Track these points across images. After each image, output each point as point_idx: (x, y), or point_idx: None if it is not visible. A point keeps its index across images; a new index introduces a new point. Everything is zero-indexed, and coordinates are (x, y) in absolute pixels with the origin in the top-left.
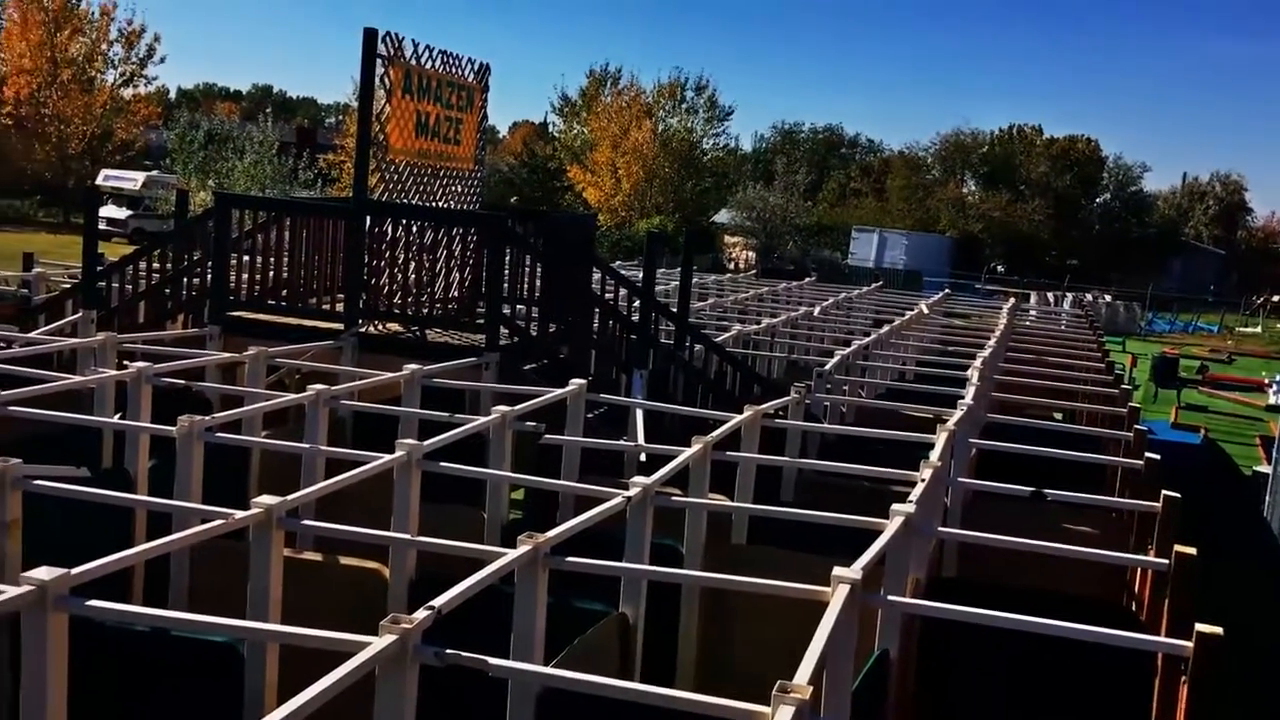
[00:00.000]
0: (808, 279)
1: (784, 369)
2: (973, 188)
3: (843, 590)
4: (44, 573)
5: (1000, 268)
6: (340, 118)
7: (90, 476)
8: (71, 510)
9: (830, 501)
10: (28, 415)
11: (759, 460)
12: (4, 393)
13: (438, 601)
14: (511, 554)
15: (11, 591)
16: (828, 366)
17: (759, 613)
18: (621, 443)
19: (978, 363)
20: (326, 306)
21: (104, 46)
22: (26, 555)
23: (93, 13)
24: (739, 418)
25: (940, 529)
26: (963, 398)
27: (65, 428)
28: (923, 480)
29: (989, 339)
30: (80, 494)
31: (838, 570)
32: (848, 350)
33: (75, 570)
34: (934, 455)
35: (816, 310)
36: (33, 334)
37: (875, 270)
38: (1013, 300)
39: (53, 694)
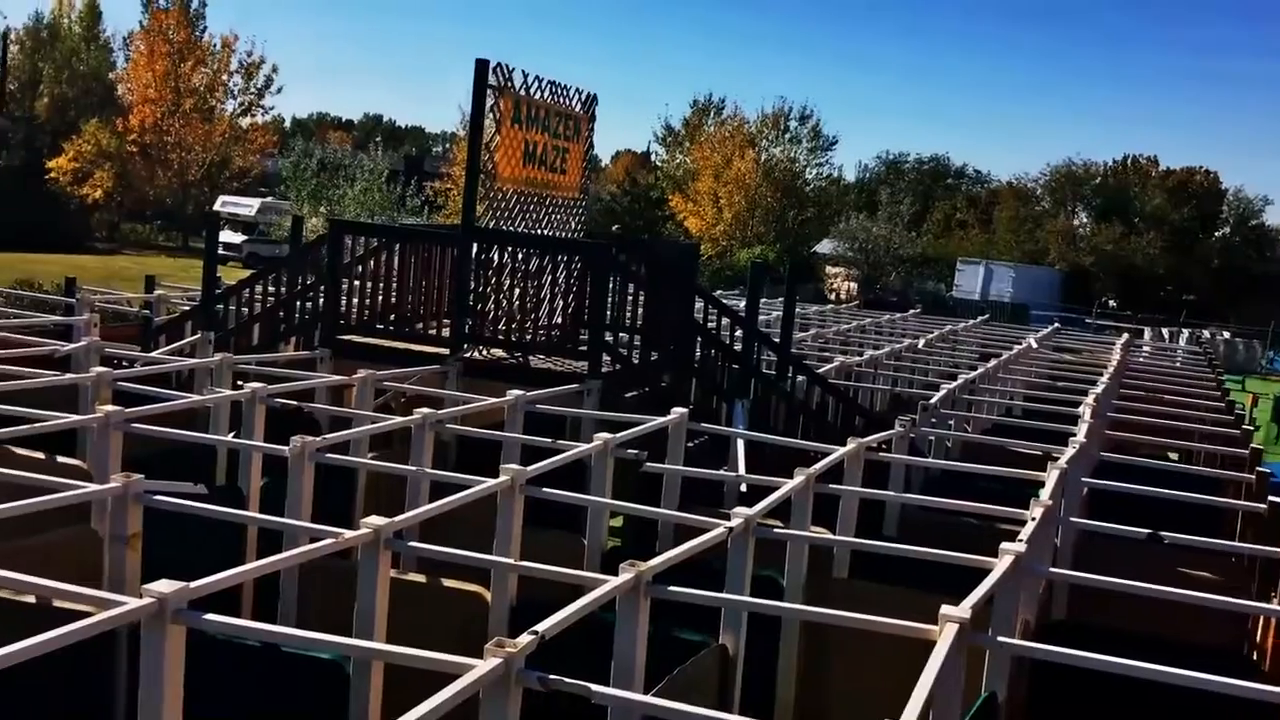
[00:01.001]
0: (912, 311)
1: (887, 402)
2: (1084, 220)
3: (951, 629)
4: (164, 586)
5: (1112, 302)
6: (447, 146)
7: (206, 493)
8: (187, 525)
9: (935, 538)
10: (148, 433)
11: (862, 494)
12: (127, 410)
13: (541, 626)
14: (613, 581)
15: (133, 603)
16: (933, 400)
17: (861, 649)
18: (722, 472)
19: (1090, 399)
20: (433, 331)
21: (224, 77)
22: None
23: (215, 45)
24: (842, 450)
25: (1051, 570)
26: (1074, 435)
27: (182, 445)
28: (1033, 519)
29: (1101, 375)
30: (197, 510)
31: (946, 609)
32: (953, 384)
33: (193, 584)
34: (1044, 493)
35: (921, 343)
36: (153, 354)
37: (981, 303)
38: (1126, 336)
39: (169, 705)
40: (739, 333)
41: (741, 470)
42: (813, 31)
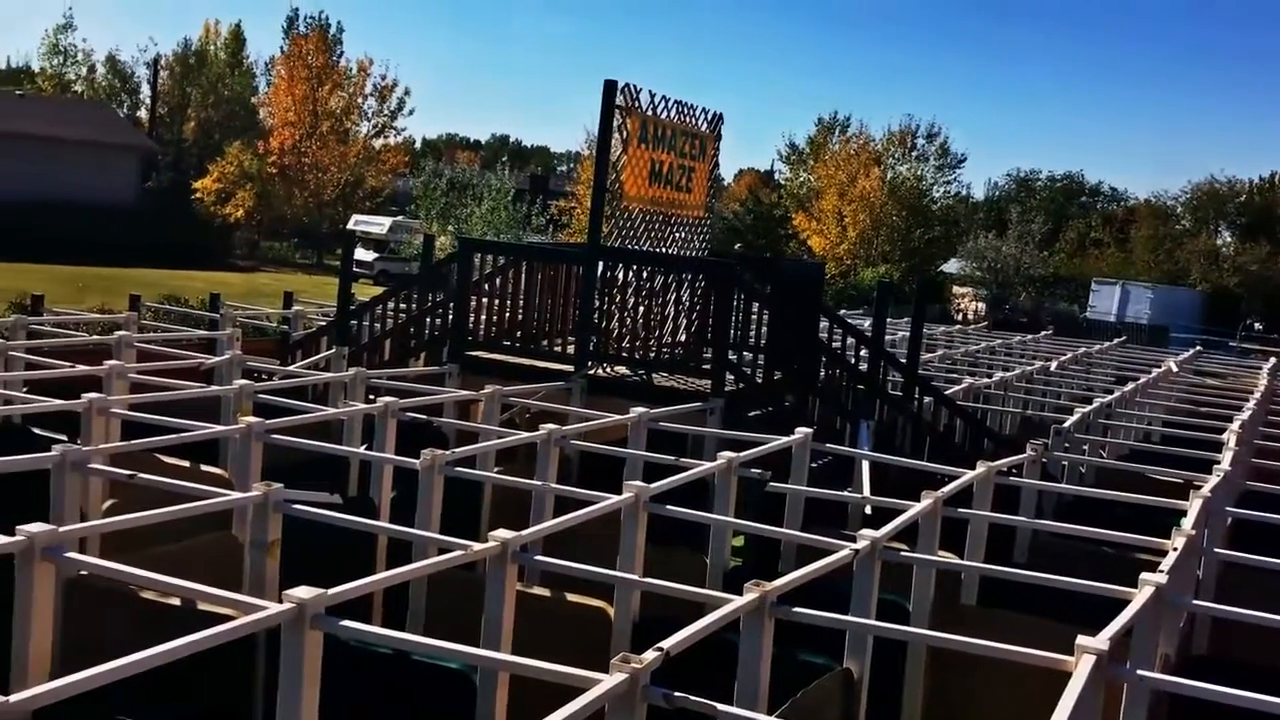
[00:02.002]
0: (1044, 332)
1: (1017, 425)
2: (1228, 239)
3: (1088, 661)
4: (303, 592)
5: (1258, 324)
6: (571, 165)
7: (341, 503)
8: (320, 533)
9: (1068, 566)
10: (287, 444)
11: (992, 519)
12: (267, 421)
13: (666, 643)
14: (737, 601)
15: (273, 608)
16: (1067, 424)
17: (990, 677)
18: (846, 494)
19: (1235, 425)
20: (558, 348)
21: (360, 100)
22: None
23: (351, 69)
24: (971, 474)
25: (1193, 602)
26: (1217, 462)
27: (317, 456)
28: (1175, 549)
29: (1247, 400)
30: (332, 519)
31: (1083, 640)
32: (1088, 408)
33: (331, 591)
34: (1187, 522)
35: (1053, 365)
36: (291, 368)
37: (1117, 324)
38: (1273, 360)
39: (306, 706)
40: (864, 353)
41: (866, 492)
42: (943, 50)
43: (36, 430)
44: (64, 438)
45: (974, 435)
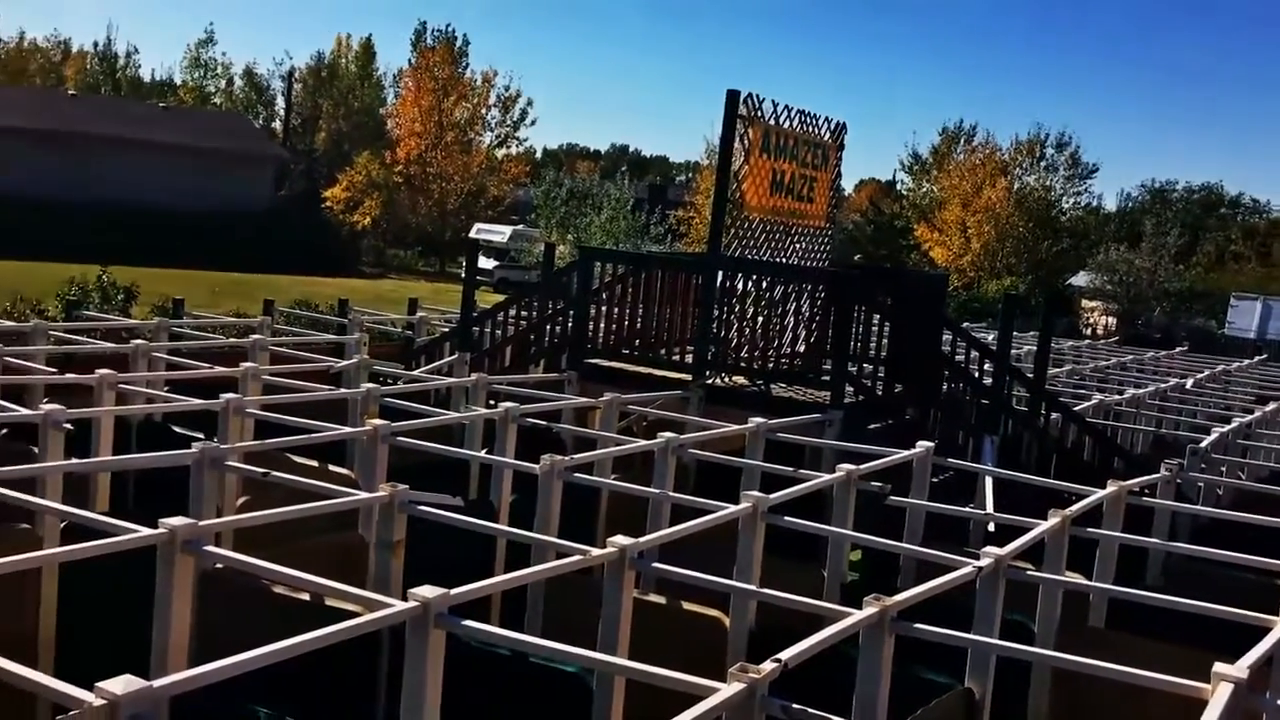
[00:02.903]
0: (1179, 349)
1: (1149, 444)
2: None
3: (1226, 689)
4: (427, 591)
5: None
6: (690, 175)
7: (462, 505)
8: (441, 533)
9: (1203, 590)
10: (411, 446)
11: (1122, 539)
12: (393, 424)
13: (785, 654)
14: (857, 615)
15: (399, 606)
16: (1204, 444)
17: (1117, 702)
18: (969, 510)
19: None
20: (676, 357)
21: (483, 111)
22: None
23: (475, 81)
24: (1101, 493)
25: None
26: None
27: (438, 458)
28: None
29: None
30: (454, 521)
31: (1220, 667)
32: (1227, 428)
33: (454, 591)
34: None
35: (1188, 383)
36: (415, 372)
37: (1258, 342)
38: None
39: (429, 703)
40: (988, 366)
41: (990, 509)
42: (1073, 59)
43: (176, 428)
44: (201, 436)
45: (1104, 453)
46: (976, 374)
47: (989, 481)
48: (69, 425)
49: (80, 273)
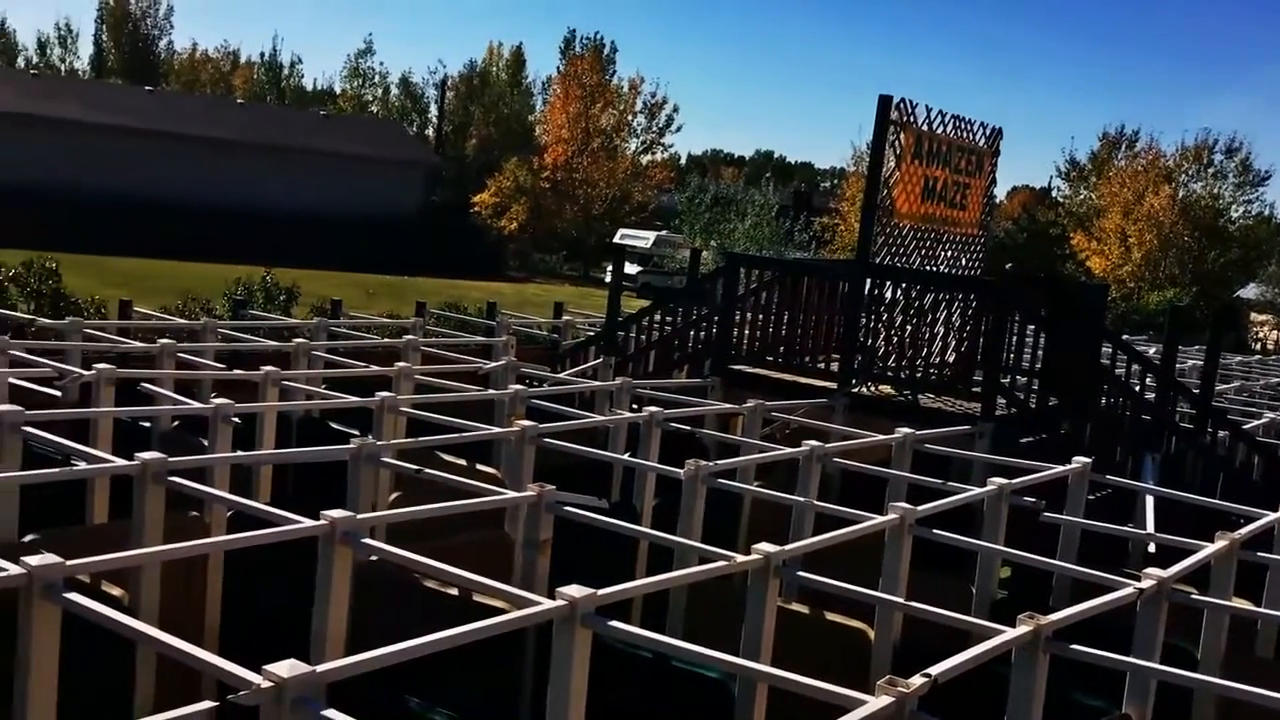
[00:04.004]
0: None
1: None
2: None
3: None
4: (575, 590)
5: None
6: (835, 181)
7: (607, 507)
8: (584, 535)
9: None
10: (557, 447)
11: None
12: (540, 425)
13: (935, 669)
14: (1010, 632)
15: (547, 604)
16: None
17: None
18: (1128, 529)
19: None
20: (821, 365)
21: (629, 118)
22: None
23: (622, 87)
24: (1272, 516)
25: None
26: None
27: (581, 460)
28: None
29: None
30: (600, 522)
31: None
32: None
33: (601, 591)
34: None
35: None
36: (561, 375)
37: None
38: None
39: (574, 701)
40: (1150, 381)
41: (1150, 528)
42: (1245, 58)
43: (333, 424)
44: (356, 432)
45: (1274, 474)
46: (1137, 389)
47: (1150, 500)
48: (237, 419)
49: (245, 274)
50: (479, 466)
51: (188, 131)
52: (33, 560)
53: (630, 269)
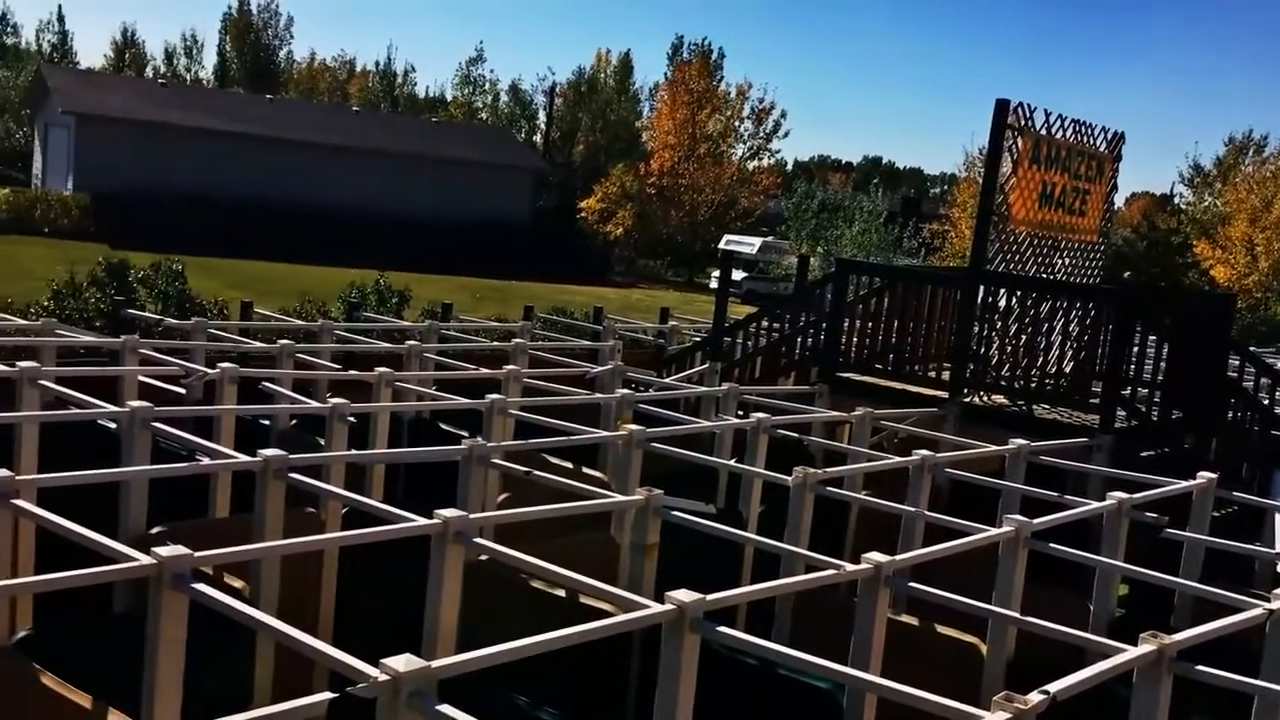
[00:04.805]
0: None
1: None
2: None
3: None
4: (683, 595)
5: None
6: (945, 187)
7: (715, 512)
8: (690, 540)
9: None
10: (664, 452)
11: None
12: (648, 430)
13: (1053, 687)
14: (1133, 651)
15: (655, 608)
16: None
17: None
18: (1256, 547)
19: None
20: (931, 374)
21: (736, 123)
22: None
23: (729, 93)
24: None
25: None
26: None
27: (687, 465)
28: None
29: None
30: (707, 528)
31: None
32: None
33: (710, 596)
34: None
35: None
36: (667, 380)
37: None
38: None
39: (682, 706)
40: (1279, 395)
41: None
42: None
43: (442, 425)
44: (465, 434)
45: None
46: (1266, 402)
47: (1279, 518)
48: (352, 418)
49: (359, 277)
50: (585, 469)
51: (305, 138)
52: (163, 551)
53: (736, 275)
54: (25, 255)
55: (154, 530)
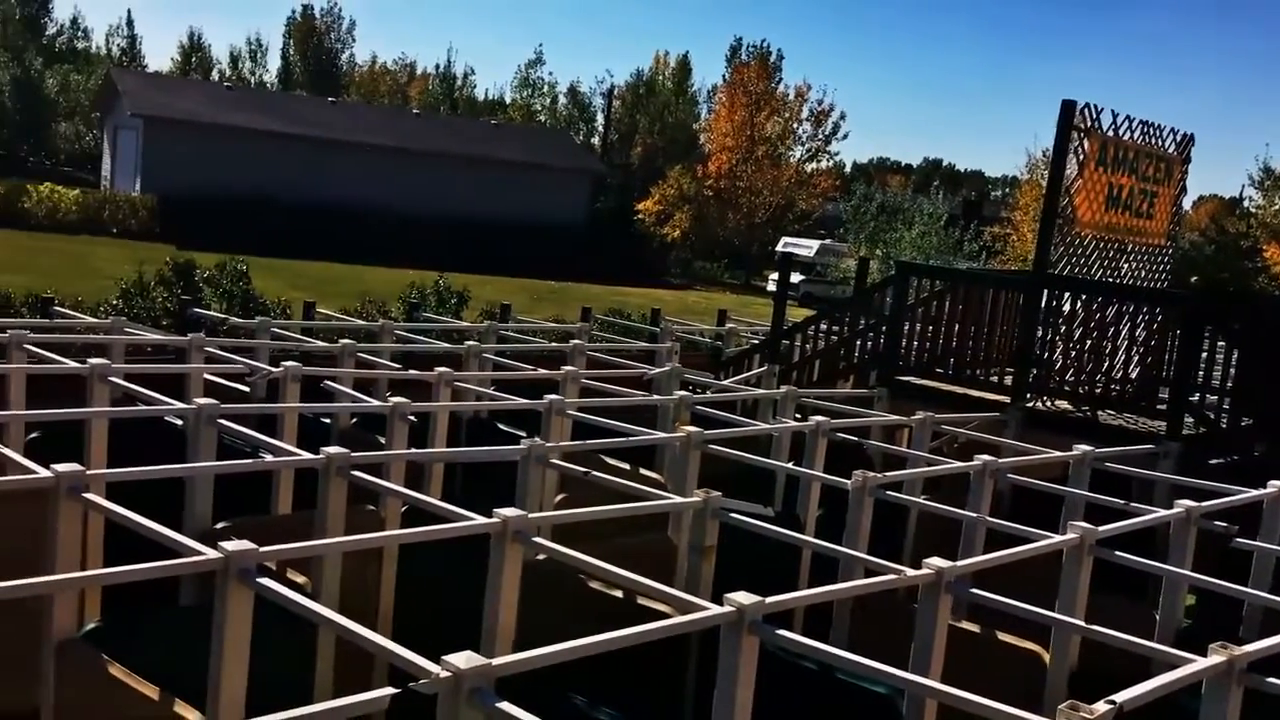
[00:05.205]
0: None
1: None
2: None
3: None
4: (743, 597)
5: None
6: (1006, 190)
7: (773, 515)
8: (747, 542)
9: None
10: (722, 454)
11: None
12: (706, 432)
13: (1120, 697)
14: (1202, 662)
15: (714, 610)
16: None
17: None
18: None
19: None
20: (993, 378)
21: (795, 125)
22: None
23: (788, 95)
24: None
25: None
26: None
27: (744, 467)
28: None
29: None
30: (765, 530)
31: None
32: None
33: (769, 599)
34: None
35: None
36: (724, 382)
37: None
38: None
39: (740, 709)
40: None
41: None
42: None
43: (500, 425)
44: (523, 434)
45: None
46: None
47: None
48: (413, 418)
49: (419, 278)
50: (642, 470)
51: (366, 141)
52: (230, 546)
53: (794, 278)
54: (95, 255)
55: (218, 525)
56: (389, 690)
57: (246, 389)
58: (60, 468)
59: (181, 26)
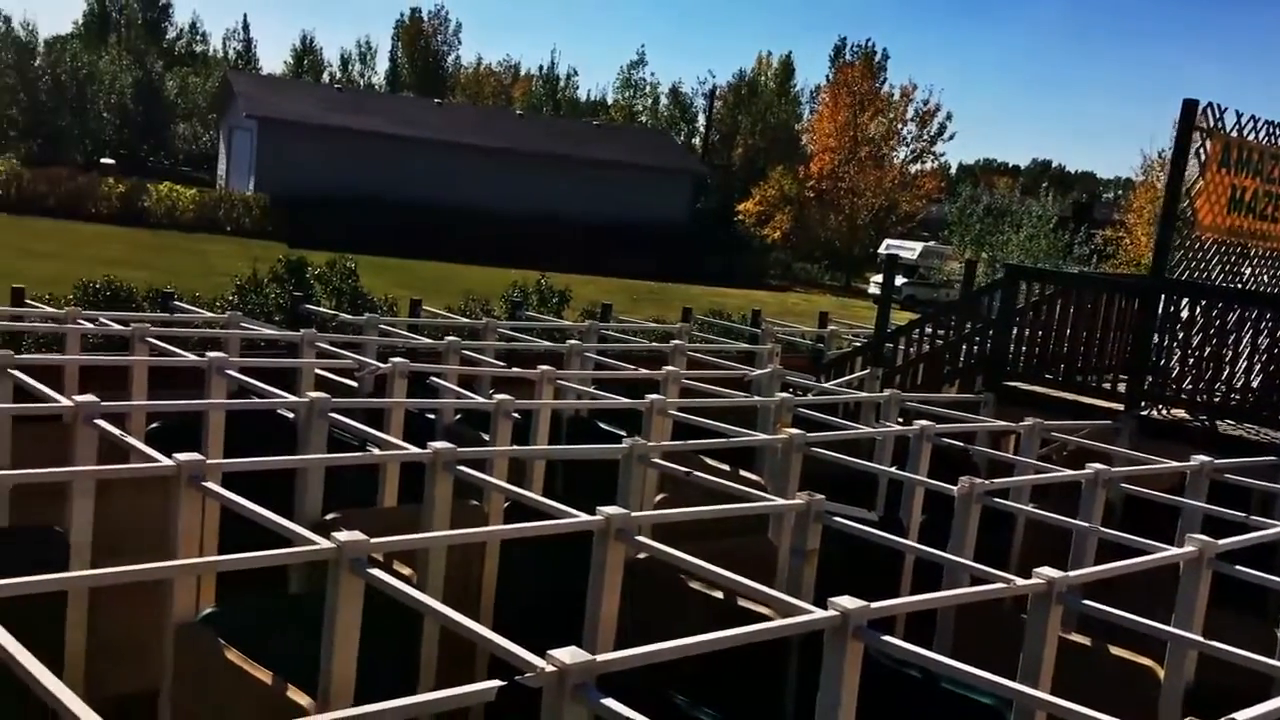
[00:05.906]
0: None
1: None
2: None
3: None
4: (848, 602)
5: None
6: (1119, 192)
7: (876, 520)
8: (848, 546)
9: None
10: (823, 456)
11: None
12: (807, 434)
13: (1240, 715)
14: None
15: (818, 614)
16: None
17: None
18: None
19: None
20: (1106, 385)
21: (899, 126)
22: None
23: (893, 95)
24: None
25: None
26: None
27: (844, 471)
28: None
29: None
30: (868, 535)
31: None
32: None
33: (874, 605)
34: None
35: None
36: (826, 384)
37: None
38: None
39: (844, 716)
40: None
41: None
42: None
43: (600, 424)
44: (623, 433)
45: None
46: None
47: None
48: (517, 415)
49: (521, 277)
50: (742, 472)
51: (471, 142)
52: (342, 536)
53: (896, 280)
54: (211, 252)
55: (328, 516)
56: (496, 682)
57: (355, 384)
58: (181, 457)
59: (295, 30)
